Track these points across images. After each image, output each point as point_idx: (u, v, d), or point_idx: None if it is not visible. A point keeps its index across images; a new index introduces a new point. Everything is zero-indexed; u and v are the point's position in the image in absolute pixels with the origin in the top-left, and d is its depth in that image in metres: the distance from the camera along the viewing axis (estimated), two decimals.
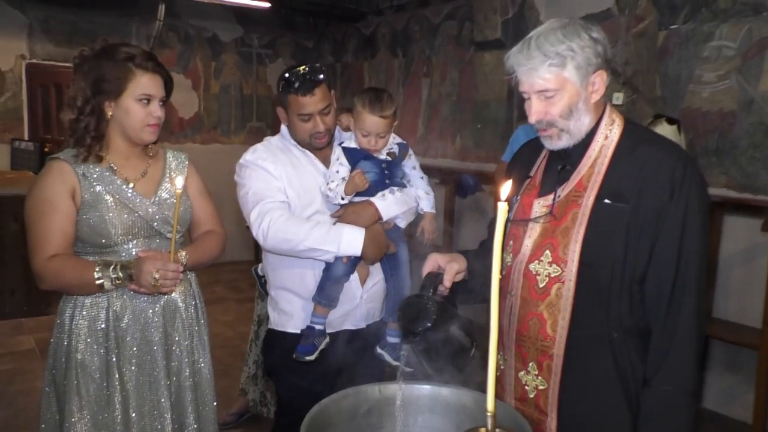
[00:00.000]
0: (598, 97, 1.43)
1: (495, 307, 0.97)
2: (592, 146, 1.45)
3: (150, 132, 1.78)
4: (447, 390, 1.61)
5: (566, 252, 1.42)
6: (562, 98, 1.41)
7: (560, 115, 1.42)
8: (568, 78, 1.39)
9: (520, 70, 1.43)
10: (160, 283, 1.66)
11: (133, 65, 1.73)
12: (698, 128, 3.46)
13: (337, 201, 1.96)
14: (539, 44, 1.40)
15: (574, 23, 1.41)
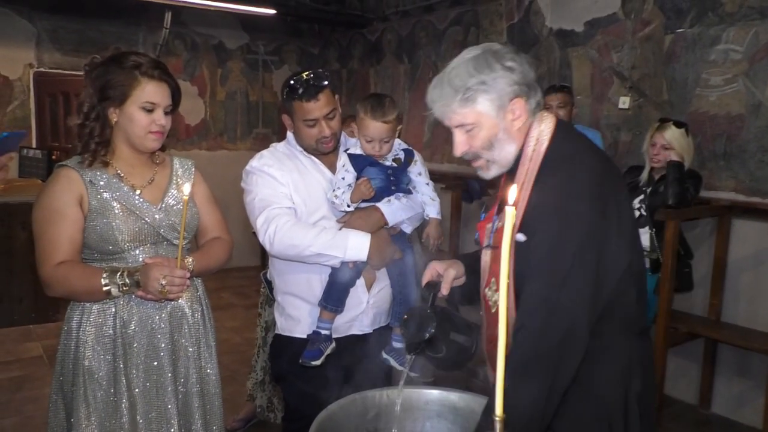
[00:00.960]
0: (520, 123, 1.41)
1: (503, 309, 0.96)
2: (519, 171, 1.42)
3: (153, 140, 1.78)
4: (455, 395, 1.61)
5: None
6: (480, 131, 1.40)
7: (482, 147, 1.42)
8: (482, 112, 1.38)
9: (435, 106, 1.44)
10: (167, 289, 1.66)
11: (138, 73, 1.74)
12: (706, 132, 3.45)
13: (343, 208, 1.96)
14: (450, 79, 1.39)
15: (486, 53, 1.39)
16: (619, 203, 1.33)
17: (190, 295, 1.89)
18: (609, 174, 1.37)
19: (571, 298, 1.25)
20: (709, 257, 3.45)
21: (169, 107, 1.81)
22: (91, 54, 1.83)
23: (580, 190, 1.28)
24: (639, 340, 1.41)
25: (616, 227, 1.31)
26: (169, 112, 1.82)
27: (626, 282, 1.34)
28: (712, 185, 3.39)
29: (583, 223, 1.27)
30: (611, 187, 1.34)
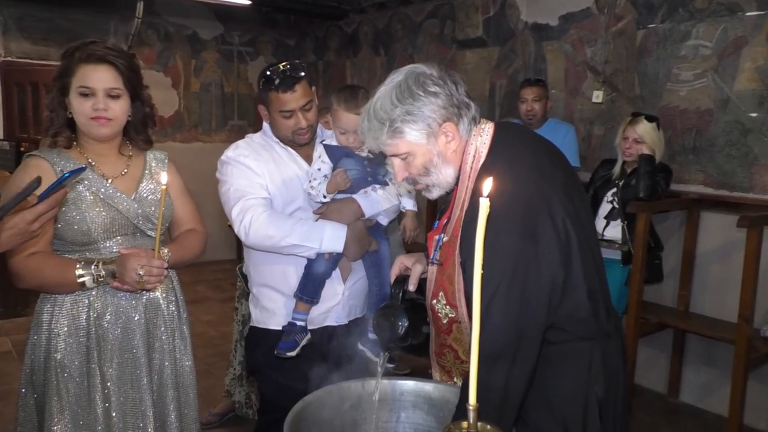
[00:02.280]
0: (455, 145, 1.40)
1: (477, 302, 0.97)
2: (459, 188, 1.42)
3: (96, 126, 1.71)
4: (430, 385, 1.62)
5: (455, 298, 1.44)
6: (415, 159, 1.40)
7: (419, 174, 1.42)
8: (412, 141, 1.38)
9: (367, 139, 1.44)
10: (145, 279, 1.65)
11: (74, 59, 1.70)
12: (676, 126, 3.51)
13: (319, 199, 1.96)
14: (375, 111, 1.39)
15: (408, 80, 1.37)
16: (552, 215, 1.30)
17: (164, 287, 1.88)
18: (545, 179, 1.34)
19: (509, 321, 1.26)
20: (679, 249, 3.52)
21: (114, 90, 1.71)
22: (59, 43, 1.80)
23: (506, 217, 1.25)
24: (601, 344, 1.40)
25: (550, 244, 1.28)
26: (118, 96, 1.73)
27: (572, 290, 1.33)
28: (681, 179, 3.46)
29: (507, 254, 1.25)
30: (545, 196, 1.31)
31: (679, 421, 3.36)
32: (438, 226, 1.56)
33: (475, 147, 1.40)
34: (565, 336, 1.37)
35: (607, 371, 1.39)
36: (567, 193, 1.35)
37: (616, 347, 1.46)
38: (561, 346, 1.37)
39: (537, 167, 1.36)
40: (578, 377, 1.37)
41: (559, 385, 1.37)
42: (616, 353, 1.45)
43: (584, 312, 1.36)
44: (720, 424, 3.25)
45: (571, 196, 1.36)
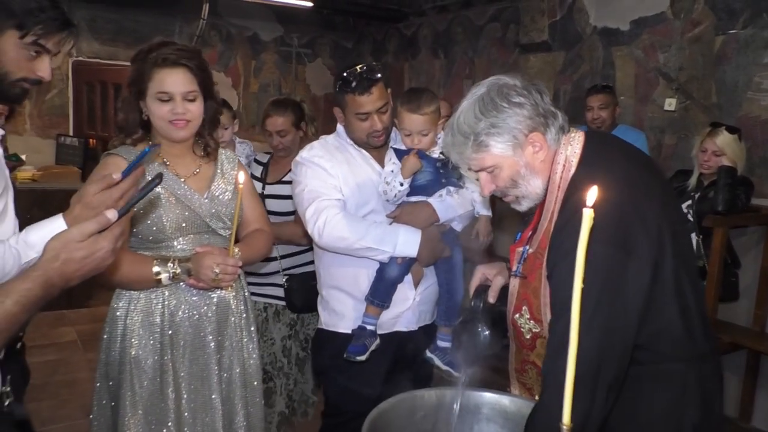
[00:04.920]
0: (543, 155, 1.34)
1: (575, 318, 0.92)
2: (548, 200, 1.36)
3: (175, 130, 1.74)
4: (506, 399, 1.57)
5: (540, 312, 1.38)
6: (502, 171, 1.36)
7: (506, 186, 1.38)
8: (498, 154, 1.33)
9: (452, 155, 1.40)
10: (220, 277, 1.65)
11: (150, 63, 1.71)
12: (756, 137, 3.34)
13: (396, 191, 1.91)
14: (459, 126, 1.35)
15: (491, 92, 1.33)
16: (647, 227, 1.23)
17: (234, 287, 1.88)
18: (640, 190, 1.28)
19: (594, 337, 1.18)
20: (756, 267, 3.35)
21: (191, 93, 1.73)
22: (127, 44, 1.83)
23: (598, 228, 1.19)
24: (695, 367, 1.32)
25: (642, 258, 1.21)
26: (194, 99, 1.74)
27: (661, 307, 1.26)
28: (761, 192, 3.29)
29: (597, 266, 1.17)
30: (640, 208, 1.24)
31: None
32: (521, 238, 1.51)
33: (565, 156, 1.35)
34: (656, 357, 1.29)
35: (703, 395, 1.30)
36: (663, 205, 1.28)
37: (714, 371, 1.37)
38: (652, 366, 1.29)
39: (632, 177, 1.29)
40: (671, 401, 1.29)
41: (649, 408, 1.30)
42: (713, 377, 1.36)
43: (677, 331, 1.28)
44: None
45: (667, 208, 1.29)
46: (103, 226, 1.08)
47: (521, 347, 1.50)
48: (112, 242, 1.09)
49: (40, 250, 1.10)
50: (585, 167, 1.32)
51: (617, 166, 1.32)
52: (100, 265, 1.10)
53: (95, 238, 1.07)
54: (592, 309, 1.18)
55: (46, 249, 1.08)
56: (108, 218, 1.08)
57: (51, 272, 1.07)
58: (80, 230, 1.07)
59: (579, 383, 1.16)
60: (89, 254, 1.07)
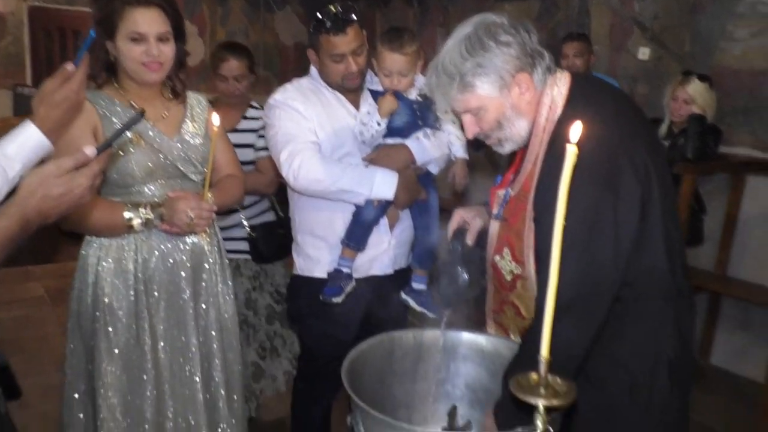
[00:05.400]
0: (529, 97, 1.32)
1: (557, 254, 0.93)
2: (533, 142, 1.35)
3: (148, 72, 1.67)
4: (483, 338, 1.60)
5: (522, 254, 1.38)
6: (487, 113, 1.33)
7: (490, 129, 1.36)
8: (484, 95, 1.31)
9: (435, 96, 1.37)
10: (195, 222, 1.62)
11: (120, 2, 1.63)
12: (727, 86, 3.37)
13: (372, 131, 1.88)
14: (444, 66, 1.32)
15: (478, 31, 1.30)
16: (635, 166, 1.23)
17: (209, 232, 1.85)
18: (627, 130, 1.27)
19: (583, 276, 1.21)
20: (721, 213, 3.43)
21: (164, 34, 1.66)
22: None
23: (587, 167, 1.15)
24: (674, 304, 1.35)
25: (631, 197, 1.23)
26: (168, 40, 1.67)
27: (650, 246, 1.28)
28: (729, 141, 3.34)
29: (587, 205, 1.19)
30: (628, 148, 1.24)
31: (708, 384, 3.33)
32: (503, 181, 1.50)
33: (551, 97, 1.33)
34: (638, 294, 1.32)
35: (679, 331, 1.34)
36: (648, 144, 1.29)
37: (689, 307, 1.41)
38: (634, 304, 1.32)
39: (619, 117, 1.29)
40: (650, 336, 1.33)
41: (629, 343, 1.33)
42: (688, 313, 1.40)
43: (661, 269, 1.31)
44: (753, 388, 3.21)
45: (652, 148, 1.30)
46: (81, 162, 1.05)
47: (500, 288, 1.51)
48: (90, 179, 1.06)
49: (24, 161, 1.08)
50: (571, 109, 1.30)
51: (604, 107, 1.31)
52: (77, 203, 1.07)
53: (72, 174, 1.04)
54: (580, 250, 1.19)
55: (22, 185, 1.05)
56: (86, 155, 1.05)
57: (28, 209, 1.04)
58: (57, 166, 1.04)
59: (566, 319, 1.18)
60: (67, 191, 1.04)
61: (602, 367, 1.33)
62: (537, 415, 0.89)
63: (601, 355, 1.31)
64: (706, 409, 3.03)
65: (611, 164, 1.22)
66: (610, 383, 1.34)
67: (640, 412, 1.33)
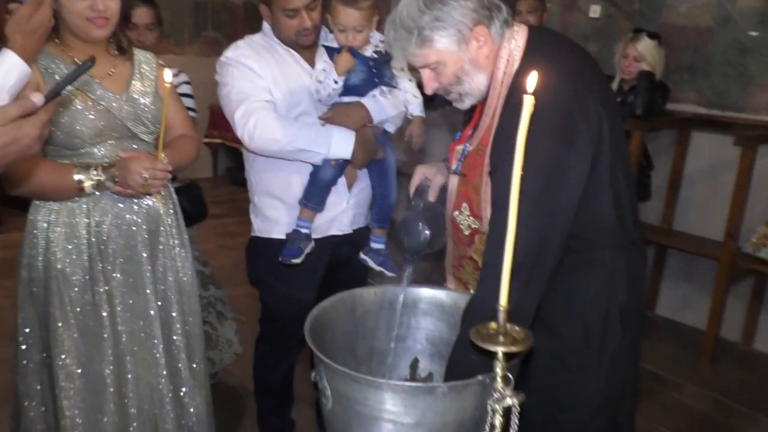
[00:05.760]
0: (487, 50, 1.33)
1: (514, 204, 0.94)
2: (491, 96, 1.36)
3: (94, 28, 1.60)
4: (443, 293, 1.63)
5: (480, 208, 1.41)
6: (445, 68, 1.34)
7: (450, 83, 1.36)
8: (442, 49, 1.31)
9: (394, 51, 1.36)
10: (150, 182, 1.58)
11: None
12: (673, 44, 3.45)
13: (330, 86, 1.85)
14: (402, 21, 1.31)
15: None
16: (589, 119, 1.26)
17: (164, 193, 1.81)
18: (582, 83, 1.29)
19: (534, 227, 1.23)
20: (667, 168, 3.55)
21: None
22: None
23: (542, 120, 1.16)
24: (624, 253, 1.40)
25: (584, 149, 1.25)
26: None
27: (595, 196, 1.31)
28: (675, 98, 3.43)
29: (541, 158, 1.21)
30: (582, 100, 1.26)
31: (655, 332, 3.50)
32: (461, 136, 1.51)
33: (508, 51, 1.33)
34: (589, 245, 1.36)
35: (630, 279, 1.40)
36: (602, 96, 1.31)
37: (640, 256, 1.47)
38: (585, 254, 1.37)
39: (574, 71, 1.30)
40: (601, 286, 1.38)
41: (582, 292, 1.38)
42: (639, 262, 1.46)
43: (609, 220, 1.35)
44: (696, 336, 3.39)
45: (606, 102, 1.32)
46: (28, 110, 0.99)
47: (459, 243, 1.53)
48: (38, 128, 1.00)
49: (12, 92, 1.07)
50: (528, 62, 1.31)
51: (560, 59, 1.32)
52: (24, 153, 1.02)
53: (19, 122, 0.99)
54: (534, 201, 1.21)
55: None
56: (33, 102, 0.99)
57: None
58: (2, 114, 0.98)
59: (518, 270, 1.21)
60: (12, 140, 0.99)
61: (558, 315, 1.38)
62: (496, 362, 0.92)
63: (556, 304, 1.36)
64: (652, 357, 3.18)
65: (566, 116, 1.24)
66: (565, 331, 1.39)
67: (593, 358, 1.39)
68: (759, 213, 3.13)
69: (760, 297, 3.29)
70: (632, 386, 1.51)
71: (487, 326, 0.93)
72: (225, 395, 2.81)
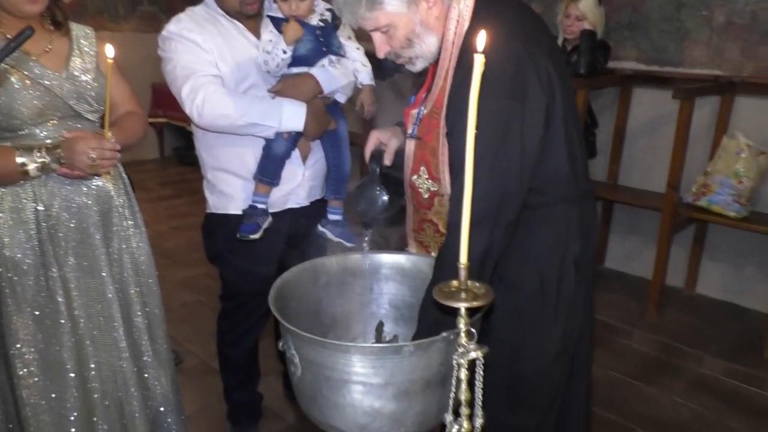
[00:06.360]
0: (437, 11, 1.34)
1: (470, 162, 0.96)
2: (442, 57, 1.38)
3: (25, 2, 1.54)
4: (403, 257, 1.66)
5: (438, 171, 1.43)
6: (396, 31, 1.34)
7: (401, 47, 1.37)
8: (392, 12, 1.32)
9: (344, 14, 1.36)
10: (98, 163, 1.53)
11: None
12: (612, 2, 3.52)
13: (278, 56, 1.82)
14: None
15: None
16: (540, 77, 1.28)
17: (114, 173, 1.77)
18: (532, 42, 1.31)
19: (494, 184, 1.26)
20: (611, 125, 3.66)
21: None
22: None
23: (495, 79, 1.20)
24: (577, 205, 1.45)
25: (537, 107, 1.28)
26: None
27: (552, 152, 1.35)
28: (616, 55, 3.52)
29: (496, 116, 1.24)
30: (533, 58, 1.28)
31: (604, 284, 3.65)
32: (415, 100, 1.52)
33: (458, 11, 1.34)
34: (545, 199, 1.40)
35: (582, 230, 1.45)
36: (551, 55, 1.34)
37: (591, 207, 1.52)
38: (542, 209, 1.41)
39: (523, 29, 1.32)
40: (558, 237, 1.43)
41: (539, 245, 1.43)
42: (590, 213, 1.51)
43: (564, 174, 1.39)
44: (642, 284, 3.55)
45: (554, 59, 1.35)
46: None
47: (419, 207, 1.56)
48: None
49: None
50: (477, 22, 1.32)
51: (509, 18, 1.33)
52: None
53: None
54: (492, 157, 1.24)
55: None
56: None
57: None
58: None
59: (481, 225, 1.25)
60: None
61: (515, 269, 1.42)
62: (459, 317, 0.95)
63: (514, 259, 1.41)
64: (603, 307, 3.33)
65: (518, 74, 1.26)
66: (523, 284, 1.44)
67: (550, 308, 1.45)
68: (698, 164, 3.27)
69: (701, 244, 3.46)
70: (588, 334, 1.59)
71: (448, 284, 0.96)
72: (189, 374, 2.80)
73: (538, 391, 1.51)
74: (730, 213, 2.97)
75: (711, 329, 3.16)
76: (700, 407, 2.63)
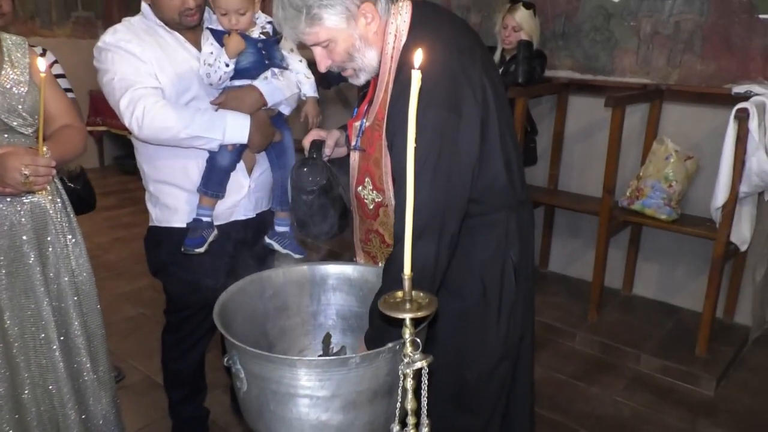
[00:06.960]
0: (375, 26, 1.37)
1: (411, 174, 0.99)
2: (382, 71, 1.42)
3: None
4: (350, 267, 1.67)
5: (382, 182, 1.47)
6: (336, 45, 1.37)
7: (342, 60, 1.40)
8: (332, 27, 1.34)
9: (284, 30, 1.39)
10: (32, 180, 1.48)
11: None
12: (547, 13, 3.64)
13: (221, 69, 1.80)
14: (291, 0, 1.33)
15: None
16: (474, 89, 1.33)
17: (50, 189, 1.71)
18: (465, 55, 1.35)
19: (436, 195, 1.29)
20: (550, 132, 3.78)
21: None
22: None
23: (431, 92, 1.25)
24: (515, 213, 1.50)
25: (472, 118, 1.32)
26: None
27: (490, 163, 1.40)
28: (552, 64, 3.64)
29: (434, 128, 1.27)
30: (467, 71, 1.33)
31: (548, 287, 3.76)
32: (358, 113, 1.54)
33: (395, 26, 1.38)
34: (484, 208, 1.45)
35: (521, 237, 1.50)
36: (484, 66, 1.38)
37: (529, 215, 1.58)
38: (482, 218, 1.45)
39: (457, 43, 1.36)
40: (498, 244, 1.47)
41: (481, 253, 1.47)
42: (528, 220, 1.56)
43: (502, 183, 1.44)
44: (583, 286, 3.67)
45: (488, 71, 1.40)
46: None
47: (365, 218, 1.58)
48: None
49: None
50: (414, 36, 1.36)
51: (444, 33, 1.37)
52: None
53: None
54: (432, 168, 1.27)
55: None
56: None
57: None
58: None
59: (426, 235, 1.28)
60: None
61: (458, 276, 1.46)
62: (405, 328, 0.97)
63: (456, 266, 1.44)
64: (546, 310, 3.43)
65: (453, 87, 1.30)
66: (466, 290, 1.48)
67: (493, 314, 1.49)
68: (630, 168, 3.42)
69: (636, 246, 3.61)
70: (529, 337, 1.64)
71: (393, 295, 0.98)
72: (133, 390, 2.73)
73: (483, 395, 1.55)
74: (662, 216, 3.11)
75: (647, 328, 3.29)
76: (639, 405, 2.74)
